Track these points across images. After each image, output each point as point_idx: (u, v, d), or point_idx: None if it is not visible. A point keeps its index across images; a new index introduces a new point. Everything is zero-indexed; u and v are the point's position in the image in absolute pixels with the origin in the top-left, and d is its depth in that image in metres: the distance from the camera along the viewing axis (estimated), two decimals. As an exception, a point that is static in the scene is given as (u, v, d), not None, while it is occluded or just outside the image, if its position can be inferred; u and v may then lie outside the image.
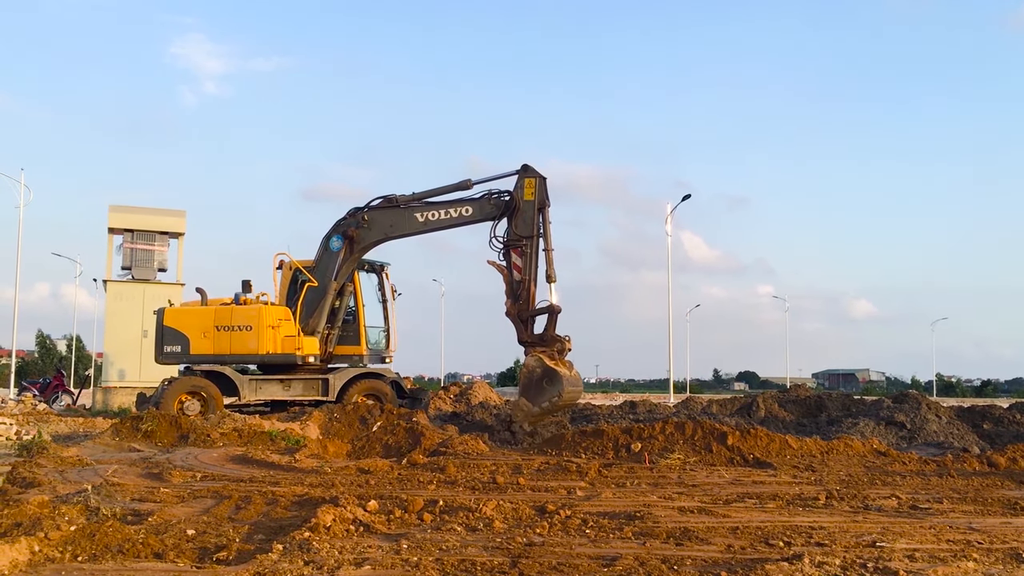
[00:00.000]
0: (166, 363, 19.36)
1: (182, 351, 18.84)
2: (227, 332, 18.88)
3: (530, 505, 7.80)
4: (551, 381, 16.19)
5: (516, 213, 17.91)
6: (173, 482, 9.46)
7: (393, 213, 18.69)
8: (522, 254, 17.79)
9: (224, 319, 18.94)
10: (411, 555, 5.74)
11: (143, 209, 28.41)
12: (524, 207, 17.93)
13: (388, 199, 18.67)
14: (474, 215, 18.36)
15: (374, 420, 14.75)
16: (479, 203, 18.28)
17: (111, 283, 27.09)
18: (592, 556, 5.81)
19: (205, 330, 18.88)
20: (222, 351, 18.88)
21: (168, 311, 19.28)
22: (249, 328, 18.83)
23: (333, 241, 18.99)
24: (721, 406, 21.21)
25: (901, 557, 5.83)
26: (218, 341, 18.86)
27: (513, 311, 17.65)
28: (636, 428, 13.13)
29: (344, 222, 18.96)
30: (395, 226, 18.77)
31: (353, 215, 18.91)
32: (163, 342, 18.91)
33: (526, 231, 17.82)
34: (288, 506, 7.77)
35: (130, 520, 6.84)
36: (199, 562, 5.65)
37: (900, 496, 8.87)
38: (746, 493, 9.04)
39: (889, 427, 16.34)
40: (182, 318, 19.10)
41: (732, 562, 5.68)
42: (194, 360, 18.99)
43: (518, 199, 17.90)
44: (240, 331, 18.85)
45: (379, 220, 18.79)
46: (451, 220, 18.51)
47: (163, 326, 18.97)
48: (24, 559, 5.31)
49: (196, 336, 18.88)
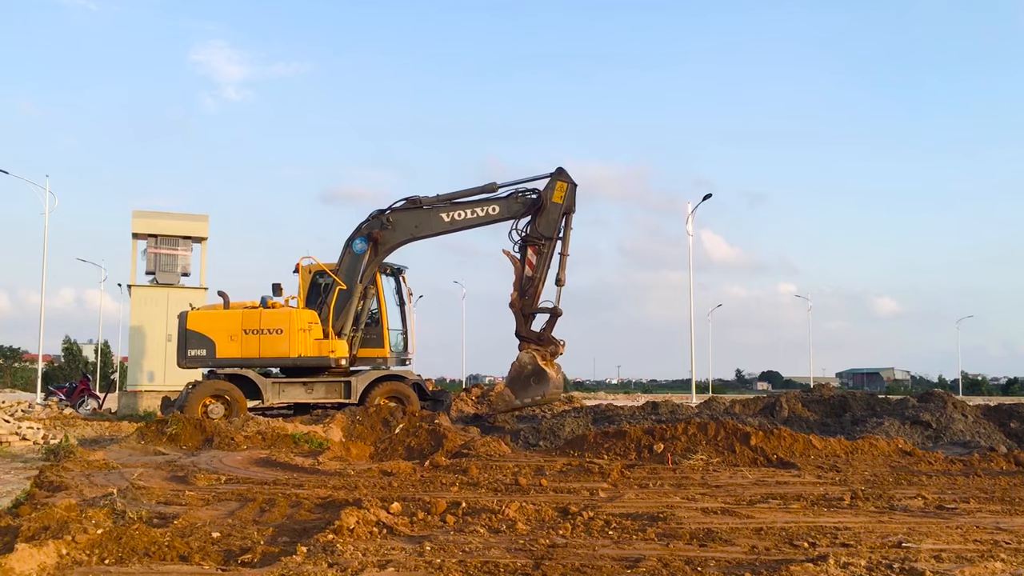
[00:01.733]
0: (190, 367, 19.34)
1: (207, 355, 18.85)
2: (256, 335, 18.92)
3: (553, 507, 7.80)
4: (539, 380, 17.15)
5: (541, 212, 18.33)
6: (198, 485, 9.53)
7: (418, 214, 18.92)
8: (538, 252, 18.25)
9: (252, 323, 18.94)
10: (434, 557, 5.75)
11: (166, 214, 28.66)
12: (550, 208, 18.31)
13: (412, 200, 18.90)
14: (501, 213, 18.74)
15: (396, 422, 14.79)
16: (506, 201, 18.69)
17: (136, 288, 27.31)
18: (615, 557, 5.80)
19: (232, 333, 18.89)
20: (250, 355, 18.90)
21: (191, 314, 19.25)
22: (280, 331, 18.93)
23: (357, 243, 19.15)
24: (744, 406, 21.09)
25: (927, 558, 5.78)
26: (246, 345, 18.88)
27: (518, 304, 18.17)
28: (658, 429, 13.08)
29: (368, 224, 19.15)
30: (420, 226, 19.01)
31: (376, 217, 19.10)
32: (187, 346, 18.91)
33: (547, 231, 18.27)
34: (312, 508, 7.81)
35: (156, 523, 6.89)
36: (224, 564, 5.69)
37: (926, 496, 8.79)
38: (770, 494, 9.00)
39: (914, 426, 16.19)
40: (207, 321, 19.09)
41: (756, 563, 5.65)
42: (220, 364, 18.97)
43: (546, 199, 18.34)
44: (270, 334, 18.92)
45: (404, 221, 19.02)
46: (477, 219, 18.85)
47: (186, 330, 18.95)
48: (52, 562, 5.37)
49: (223, 340, 18.88)
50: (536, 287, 18.28)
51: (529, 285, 18.30)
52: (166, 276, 27.23)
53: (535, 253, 18.36)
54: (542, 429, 15.52)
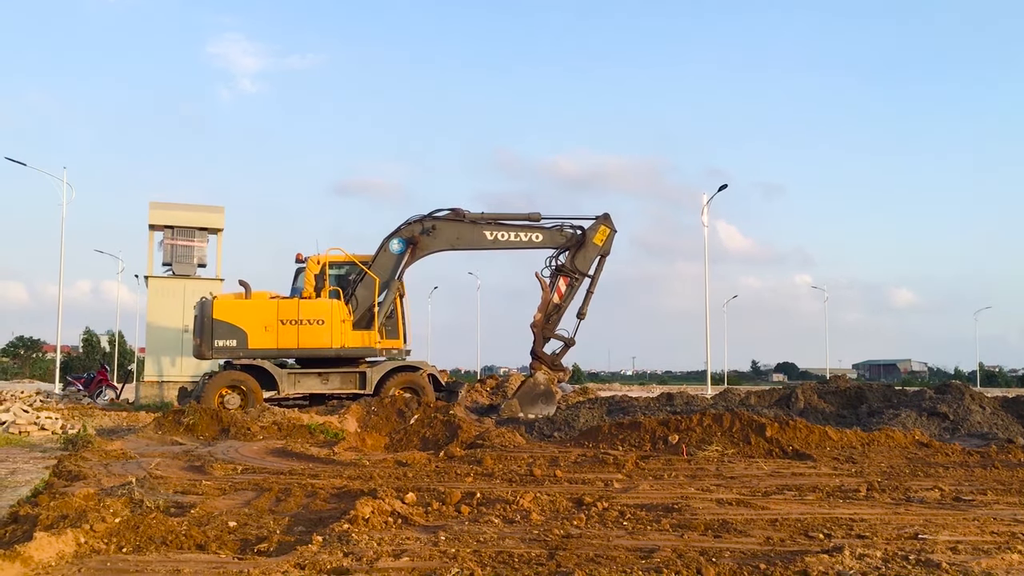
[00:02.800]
0: (217, 357, 18.94)
1: (238, 345, 18.58)
2: (294, 326, 18.79)
3: (567, 497, 7.81)
4: (547, 400, 19.03)
5: (581, 249, 19.83)
6: (215, 475, 9.59)
7: (461, 226, 19.78)
8: (570, 284, 19.80)
9: (290, 313, 18.79)
10: (449, 547, 5.77)
11: (182, 206, 28.73)
12: (590, 247, 19.86)
13: (456, 212, 19.75)
14: (544, 242, 20.07)
15: (411, 413, 14.84)
16: (550, 232, 20.05)
17: (152, 279, 27.43)
18: (630, 548, 5.80)
19: (267, 323, 18.68)
20: (288, 345, 18.77)
21: (219, 303, 18.86)
22: (321, 322, 18.91)
23: (394, 243, 19.66)
24: (759, 397, 21.00)
25: (944, 549, 5.75)
26: (283, 335, 18.70)
27: (539, 326, 19.60)
28: (673, 420, 13.06)
29: (409, 227, 19.70)
30: (462, 239, 19.92)
31: (419, 221, 19.71)
32: (213, 336, 18.52)
33: (584, 267, 19.84)
34: (327, 498, 7.85)
35: (173, 512, 6.94)
36: (241, 553, 5.73)
37: (943, 488, 8.75)
38: (785, 485, 8.97)
39: (931, 418, 16.09)
40: (237, 311, 18.77)
41: (771, 554, 5.64)
42: (252, 354, 18.79)
43: (588, 238, 19.84)
44: (310, 325, 18.86)
45: (446, 231, 19.74)
46: (520, 243, 20.11)
47: (213, 319, 18.55)
48: (70, 551, 5.41)
49: (256, 330, 18.64)
50: (560, 315, 19.72)
51: (555, 312, 19.68)
52: (182, 267, 27.31)
53: (567, 284, 19.79)
54: (557, 420, 15.53)
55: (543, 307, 19.76)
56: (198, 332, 18.96)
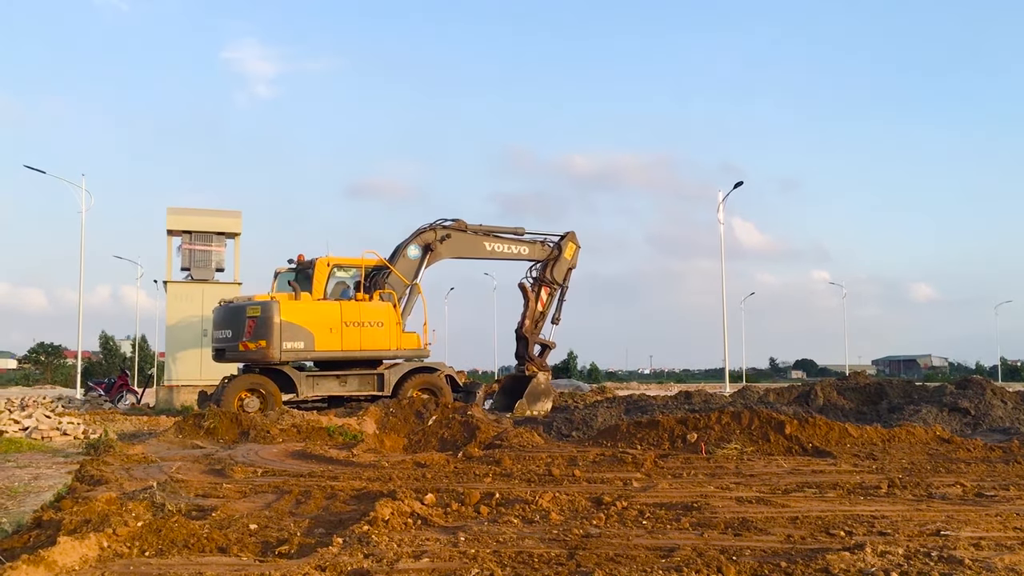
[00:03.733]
0: (286, 360, 18.49)
1: (305, 347, 18.39)
2: (357, 328, 18.84)
3: (586, 497, 7.80)
4: (546, 395, 22.02)
5: (556, 262, 22.98)
6: (235, 478, 9.63)
7: (467, 237, 21.62)
8: (550, 293, 22.95)
9: (353, 315, 18.84)
10: (469, 547, 5.77)
11: (200, 211, 28.91)
12: (562, 261, 23.08)
13: (459, 222, 21.50)
14: (529, 255, 22.78)
15: (430, 414, 14.86)
16: (533, 246, 22.81)
17: (171, 284, 27.60)
18: (650, 547, 5.79)
19: (331, 326, 18.64)
20: (351, 347, 18.83)
21: (285, 305, 18.42)
22: (381, 324, 19.15)
23: (412, 249, 20.69)
24: (778, 395, 20.95)
25: (967, 546, 5.71)
26: (347, 337, 18.69)
27: (529, 331, 22.54)
28: (692, 418, 13.03)
29: (424, 234, 20.93)
30: (467, 249, 21.76)
31: (432, 229, 21.06)
32: (282, 338, 18.12)
33: (559, 278, 23.08)
34: (347, 500, 7.87)
35: (194, 515, 6.98)
36: (262, 556, 5.76)
37: (965, 483, 8.68)
38: (805, 482, 8.93)
39: (952, 413, 15.99)
40: (305, 313, 18.53)
41: (792, 552, 5.61)
42: (319, 357, 18.82)
43: (562, 252, 23.00)
44: (371, 327, 19.00)
45: (457, 240, 21.35)
46: (510, 255, 22.51)
47: (282, 321, 18.14)
48: (93, 555, 5.45)
49: (322, 332, 18.52)
50: (544, 321, 22.87)
51: (541, 319, 22.85)
52: (201, 272, 27.47)
53: (548, 293, 22.88)
54: (575, 420, 15.52)
55: (531, 315, 22.56)
56: (263, 334, 18.15)
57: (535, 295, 22.68)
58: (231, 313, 19.03)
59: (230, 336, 18.83)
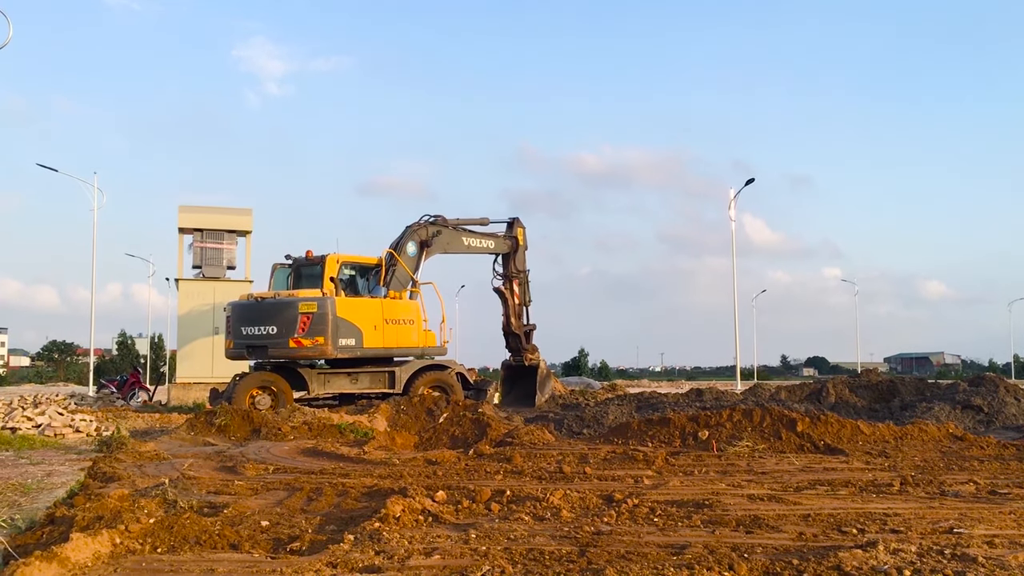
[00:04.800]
0: (340, 356, 18.45)
1: (356, 344, 18.48)
2: (394, 325, 19.05)
3: (597, 494, 7.79)
4: (550, 377, 23.51)
5: (515, 253, 23.38)
6: (247, 475, 9.66)
7: (451, 233, 21.77)
8: (520, 283, 23.52)
9: (392, 312, 19.05)
10: (480, 544, 5.78)
11: (211, 208, 28.98)
12: (521, 249, 23.53)
13: (441, 218, 21.67)
14: (495, 248, 23.18)
15: (440, 412, 14.88)
16: (498, 240, 23.17)
17: (183, 282, 27.68)
18: (661, 544, 5.78)
19: (375, 323, 18.81)
20: (391, 344, 19.08)
21: (340, 302, 18.44)
22: (412, 322, 19.45)
23: (410, 246, 20.62)
24: (790, 392, 20.87)
25: (980, 543, 5.68)
26: (387, 334, 18.94)
27: (516, 328, 23.23)
28: (703, 416, 12.99)
29: (419, 231, 20.98)
30: (451, 244, 21.84)
31: (424, 227, 21.13)
32: (338, 335, 18.15)
33: (522, 266, 23.59)
34: (358, 497, 7.88)
35: (206, 512, 7.00)
36: (273, 552, 5.77)
37: (978, 481, 8.64)
38: (817, 480, 8.90)
39: (965, 411, 15.91)
40: (355, 310, 18.63)
41: (804, 549, 5.59)
42: (367, 354, 18.90)
43: (518, 241, 23.41)
44: (404, 324, 19.27)
45: (444, 236, 21.44)
46: (483, 249, 22.87)
47: (337, 318, 18.17)
48: (106, 551, 5.48)
49: (368, 329, 18.68)
50: (524, 310, 23.63)
51: (521, 310, 23.54)
52: (212, 270, 27.55)
53: (518, 284, 23.49)
54: (586, 417, 15.51)
55: (514, 312, 23.29)
56: (320, 331, 17.98)
57: (509, 292, 23.28)
58: (275, 308, 18.41)
59: (275, 332, 18.26)
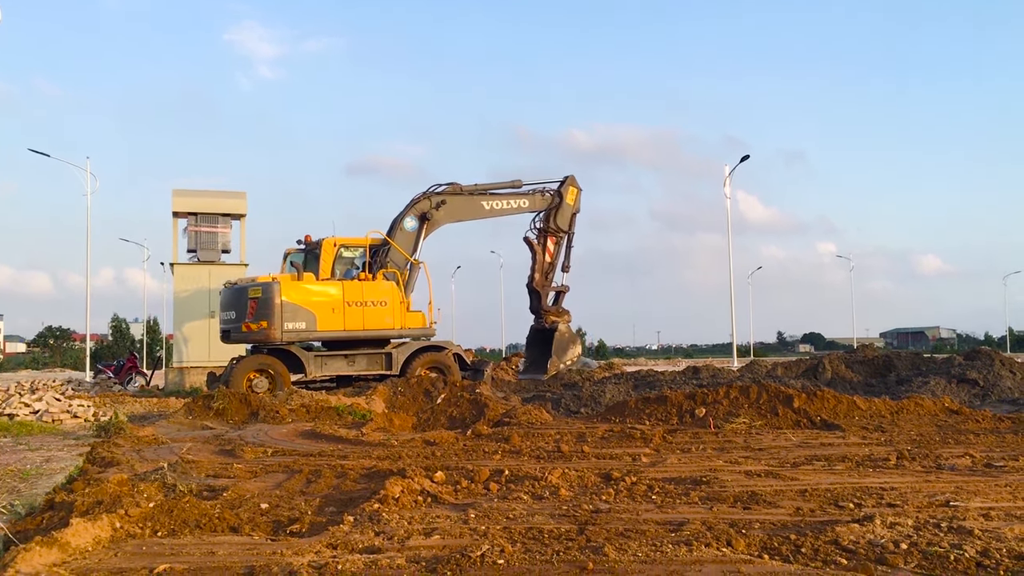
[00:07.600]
0: (288, 340, 18.41)
1: (307, 327, 18.36)
2: (359, 307, 18.75)
3: (595, 472, 7.82)
4: (573, 342, 22.62)
5: (558, 209, 23.06)
6: (245, 458, 9.67)
7: (463, 199, 21.40)
8: (557, 242, 23.14)
9: (356, 295, 18.76)
10: (479, 524, 5.80)
11: (205, 192, 28.87)
12: (565, 207, 23.15)
13: (454, 186, 21.29)
14: (529, 207, 22.82)
15: (438, 393, 14.90)
16: (533, 197, 22.80)
17: (178, 266, 27.62)
18: (659, 522, 5.81)
19: (334, 306, 18.58)
20: (354, 327, 18.78)
21: (286, 285, 18.36)
22: (384, 303, 19.06)
23: (408, 221, 20.41)
24: (786, 369, 20.94)
25: (976, 516, 5.72)
26: (350, 317, 18.65)
27: (540, 284, 22.85)
28: (700, 393, 13.04)
29: (420, 204, 20.67)
30: (465, 211, 21.57)
31: (427, 198, 20.77)
32: (283, 318, 18.08)
33: (564, 225, 23.21)
34: (357, 479, 7.90)
35: (206, 496, 7.01)
36: (274, 534, 5.79)
37: (974, 454, 8.68)
38: (814, 455, 8.94)
39: (961, 385, 15.98)
40: (306, 293, 18.49)
41: (801, 524, 5.62)
42: (321, 337, 18.79)
43: (563, 198, 23.03)
44: (374, 306, 18.89)
45: (452, 204, 21.13)
46: (510, 209, 22.38)
47: (283, 301, 18.10)
48: (106, 535, 5.49)
49: (324, 312, 18.48)
50: (554, 270, 23.04)
51: (551, 269, 23.01)
52: (207, 253, 27.46)
53: (554, 243, 23.04)
54: (583, 396, 15.55)
55: (540, 267, 22.76)
56: (264, 315, 18.15)
57: (541, 246, 22.88)
58: (235, 295, 19.01)
59: (234, 317, 18.85)
